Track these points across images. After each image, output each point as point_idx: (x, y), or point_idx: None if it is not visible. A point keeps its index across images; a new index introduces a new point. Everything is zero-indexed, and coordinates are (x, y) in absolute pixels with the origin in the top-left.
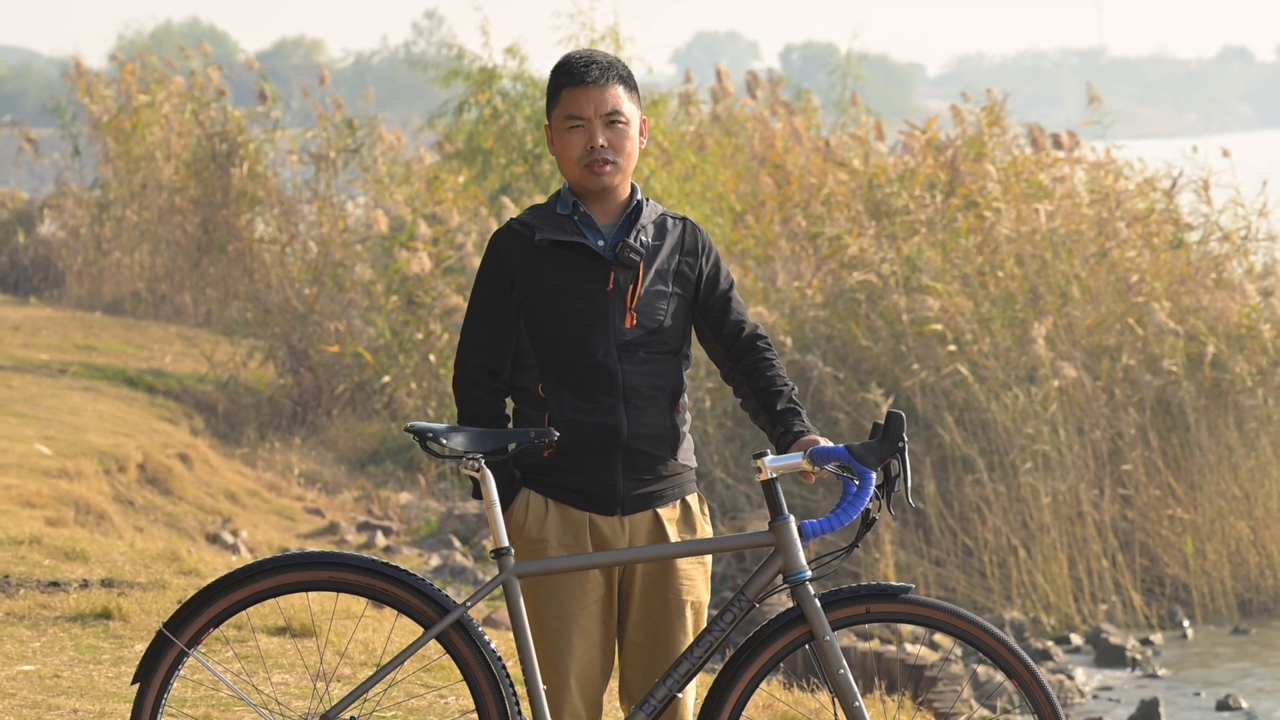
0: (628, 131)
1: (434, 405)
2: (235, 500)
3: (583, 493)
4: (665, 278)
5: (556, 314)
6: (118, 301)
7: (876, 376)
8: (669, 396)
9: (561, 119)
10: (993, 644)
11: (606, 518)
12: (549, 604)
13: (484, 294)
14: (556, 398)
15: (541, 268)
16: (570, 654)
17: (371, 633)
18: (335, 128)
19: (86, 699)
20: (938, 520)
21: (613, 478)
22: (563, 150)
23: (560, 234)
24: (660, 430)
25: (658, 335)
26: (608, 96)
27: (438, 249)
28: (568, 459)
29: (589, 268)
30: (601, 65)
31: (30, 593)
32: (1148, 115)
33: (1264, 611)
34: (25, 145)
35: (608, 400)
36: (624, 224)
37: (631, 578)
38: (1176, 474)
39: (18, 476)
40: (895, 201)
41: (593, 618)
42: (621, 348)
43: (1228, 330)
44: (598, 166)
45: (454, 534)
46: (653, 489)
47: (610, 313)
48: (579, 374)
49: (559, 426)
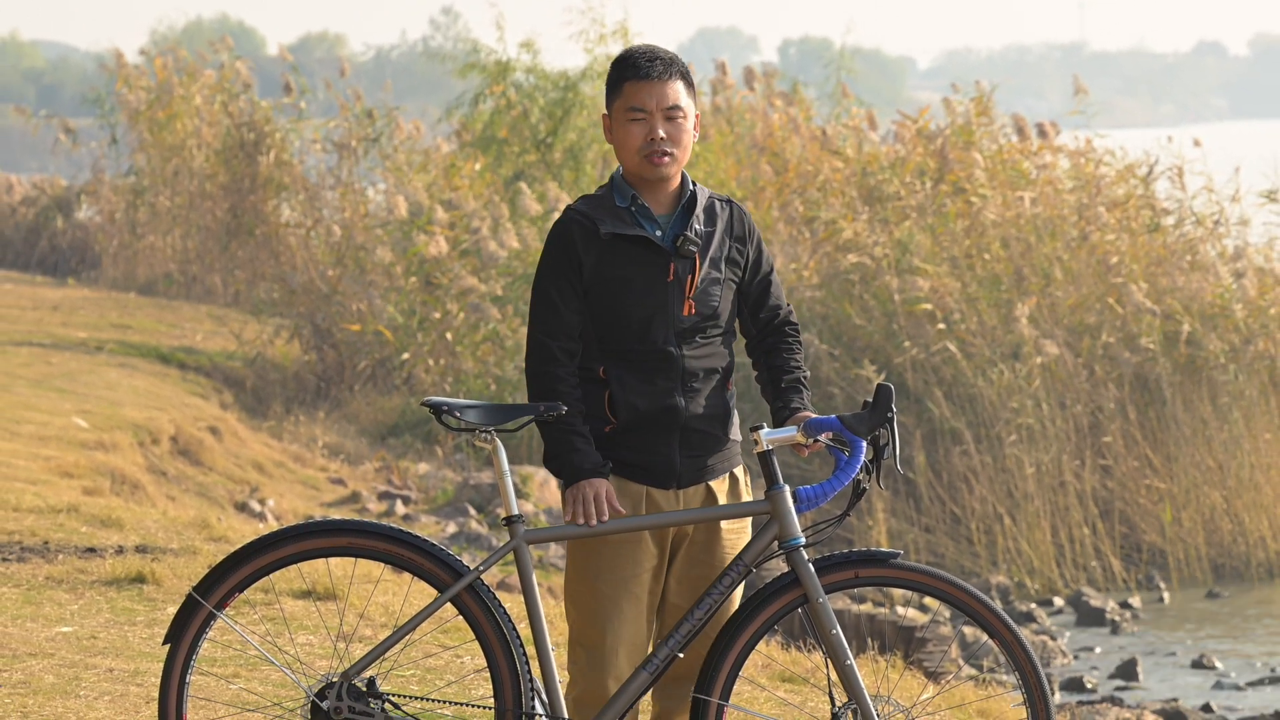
0: (685, 125)
1: (450, 381)
2: (262, 471)
3: (642, 467)
4: (719, 264)
5: (620, 303)
6: (151, 282)
7: (870, 353)
8: (722, 376)
9: (623, 110)
10: (977, 607)
11: (663, 491)
12: (603, 572)
13: (556, 281)
14: (618, 380)
15: (606, 259)
16: (621, 620)
17: (390, 596)
18: (356, 118)
19: (121, 658)
20: (927, 489)
21: (670, 454)
22: (623, 140)
23: (623, 228)
24: (714, 409)
25: (712, 320)
26: (669, 91)
27: (454, 233)
28: (628, 436)
29: (650, 260)
30: (665, 61)
31: (69, 558)
32: (1126, 106)
33: (1236, 576)
34: (63, 135)
35: (667, 383)
36: (680, 214)
37: (679, 544)
38: (1153, 446)
39: (57, 448)
40: (887, 188)
41: (644, 585)
42: (680, 334)
43: (1202, 310)
44: (657, 158)
45: (469, 502)
46: (706, 463)
47: (670, 302)
48: (640, 359)
49: (619, 406)
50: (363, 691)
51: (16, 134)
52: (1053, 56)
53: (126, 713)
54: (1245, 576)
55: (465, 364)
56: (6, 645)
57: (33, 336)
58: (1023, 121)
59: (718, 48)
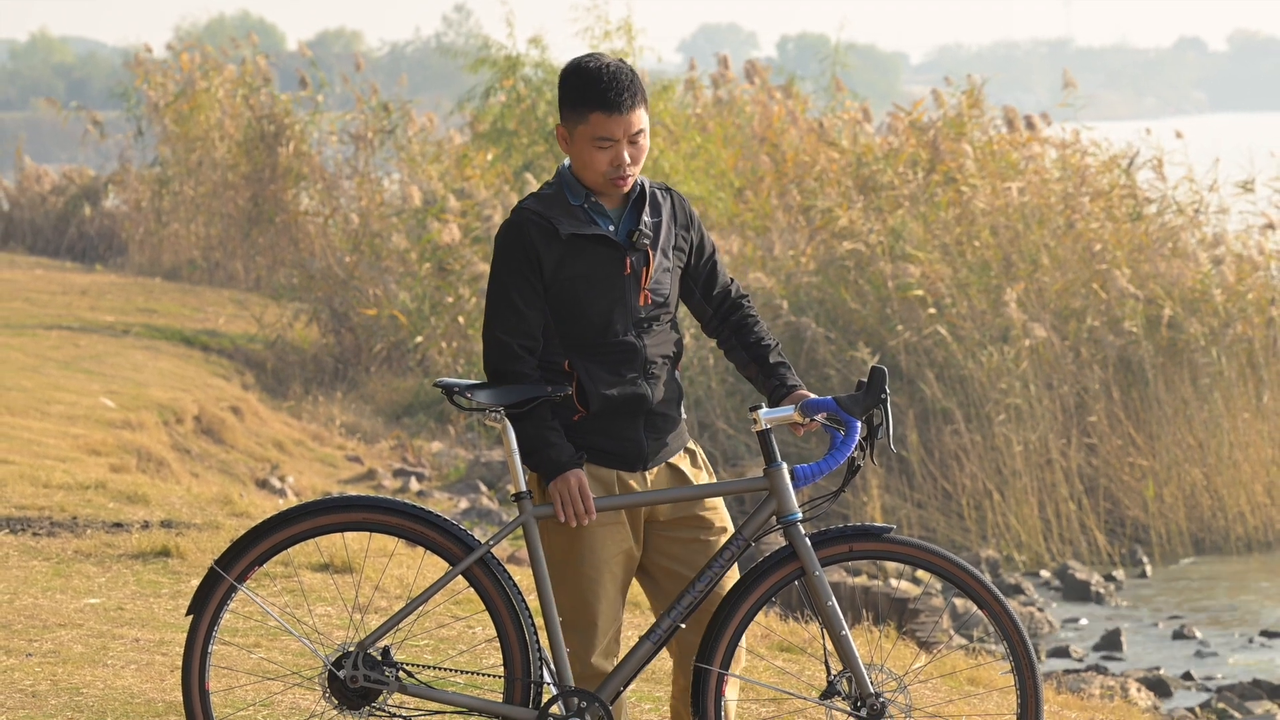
0: (645, 143)
1: (463, 363)
2: (282, 449)
3: (612, 454)
4: (668, 253)
5: (580, 300)
6: (175, 268)
7: (864, 336)
8: (675, 360)
9: (589, 136)
10: (967, 579)
11: (632, 474)
12: (585, 555)
13: (514, 280)
14: (585, 371)
15: (565, 258)
16: (603, 598)
17: (404, 569)
18: (372, 111)
19: (147, 629)
20: (920, 467)
21: (638, 438)
22: (588, 162)
23: (581, 227)
24: (671, 392)
25: (664, 307)
26: (634, 119)
27: (466, 221)
28: (597, 423)
29: (608, 256)
30: (630, 91)
31: (96, 533)
32: (1110, 100)
33: (1216, 549)
34: (91, 127)
35: (632, 373)
36: (631, 210)
37: (653, 520)
38: (1136, 425)
39: (85, 427)
40: (881, 178)
41: (621, 565)
42: (638, 324)
43: (1183, 294)
44: (620, 180)
45: (480, 479)
46: (666, 443)
47: (628, 294)
48: (603, 351)
49: (590, 397)
50: (378, 660)
51: (47, 126)
52: (1040, 52)
53: (152, 681)
54: (1224, 550)
55: (476, 346)
56: (37, 616)
57: (62, 320)
58: (1013, 113)
59: (718, 43)
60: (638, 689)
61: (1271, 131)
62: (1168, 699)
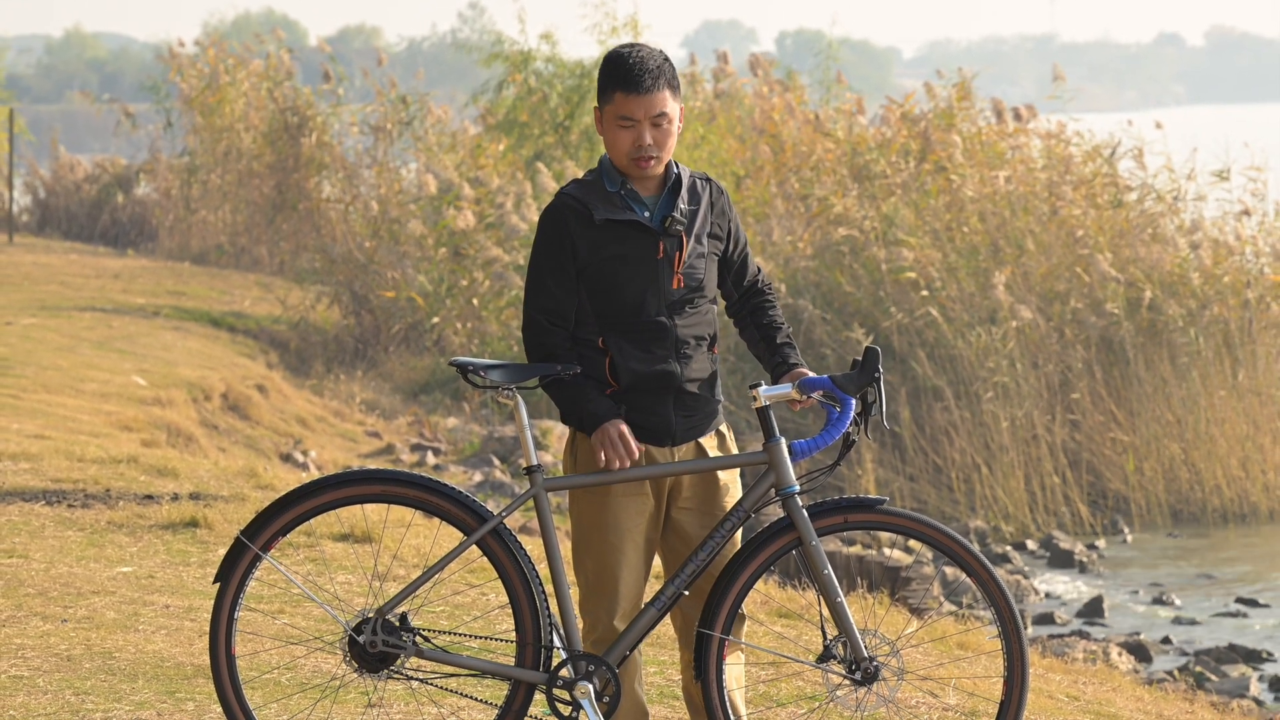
0: (670, 129)
1: (477, 342)
2: (305, 425)
3: (641, 427)
4: (702, 239)
5: (615, 281)
6: (204, 253)
7: (859, 318)
8: (709, 342)
9: (613, 116)
10: (957, 549)
11: (660, 448)
12: (609, 524)
13: (550, 262)
14: (617, 349)
15: (600, 242)
16: (625, 565)
17: (421, 539)
18: (391, 103)
19: (177, 596)
20: (911, 442)
21: (667, 414)
22: (612, 141)
23: (615, 213)
24: (703, 373)
25: (699, 291)
26: (656, 101)
27: (480, 208)
28: (628, 398)
29: (641, 240)
30: (653, 73)
31: (128, 504)
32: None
33: (1193, 520)
34: (124, 119)
35: (662, 351)
36: (667, 196)
37: (677, 495)
38: (1118, 402)
39: (117, 404)
40: (875, 167)
41: (643, 533)
42: (670, 306)
43: (1162, 278)
44: (643, 161)
45: (494, 454)
46: (696, 422)
47: (660, 277)
48: (636, 330)
49: (620, 372)
50: (396, 626)
51: (81, 118)
52: (1025, 47)
53: (181, 645)
54: (1201, 521)
55: (490, 327)
56: (72, 584)
57: (95, 302)
58: (1001, 106)
59: (720, 38)
60: (642, 652)
61: (1247, 123)
62: (1148, 663)
